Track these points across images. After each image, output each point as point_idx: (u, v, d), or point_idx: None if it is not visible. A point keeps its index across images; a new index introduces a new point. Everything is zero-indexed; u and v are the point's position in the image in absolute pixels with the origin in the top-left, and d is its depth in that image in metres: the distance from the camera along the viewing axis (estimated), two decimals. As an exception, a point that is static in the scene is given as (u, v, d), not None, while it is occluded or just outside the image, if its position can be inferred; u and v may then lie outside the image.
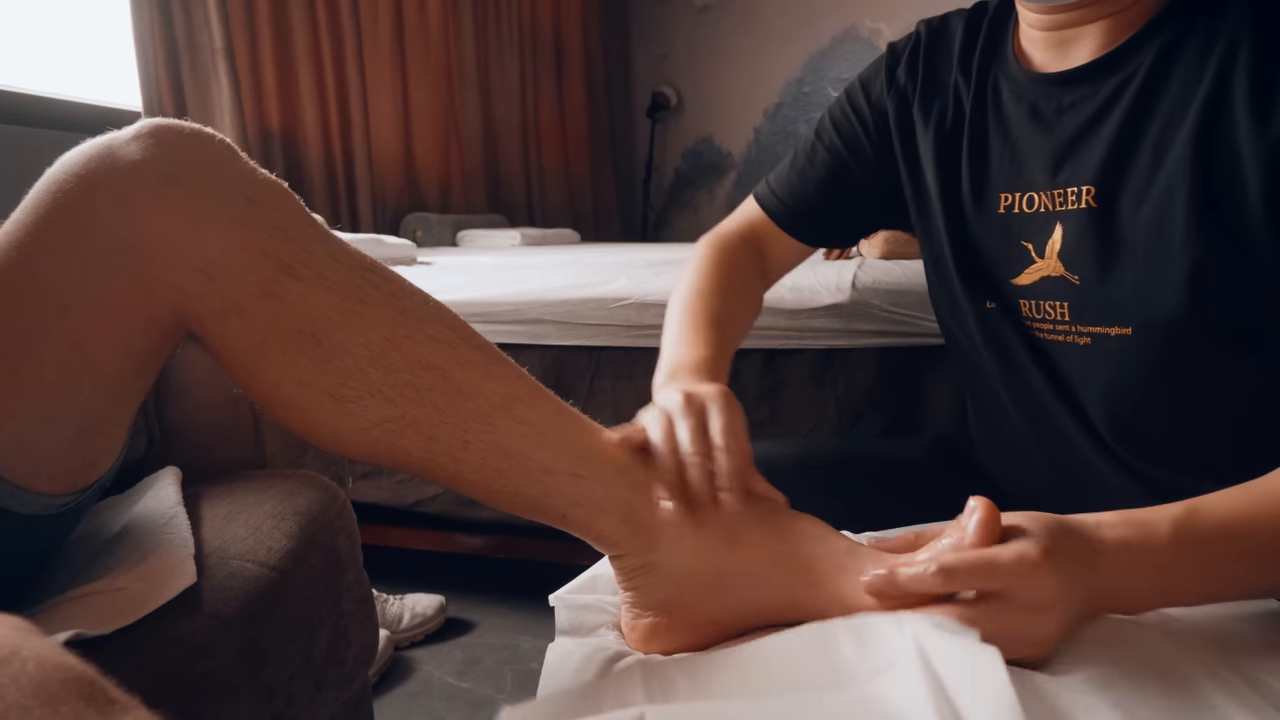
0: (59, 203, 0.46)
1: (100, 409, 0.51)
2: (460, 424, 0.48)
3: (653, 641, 0.49)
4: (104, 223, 0.46)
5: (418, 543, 1.66)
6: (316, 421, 0.49)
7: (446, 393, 0.48)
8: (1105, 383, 0.61)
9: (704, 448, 0.49)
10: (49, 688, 0.23)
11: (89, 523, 0.69)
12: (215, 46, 2.23)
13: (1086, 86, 0.60)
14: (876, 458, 0.81)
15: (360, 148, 2.82)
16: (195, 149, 0.48)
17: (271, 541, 0.69)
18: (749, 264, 0.81)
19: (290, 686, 0.65)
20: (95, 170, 0.46)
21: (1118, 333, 0.59)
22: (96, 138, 0.48)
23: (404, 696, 1.32)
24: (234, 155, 0.50)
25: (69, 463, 0.50)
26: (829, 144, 0.79)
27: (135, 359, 0.50)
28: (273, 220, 0.49)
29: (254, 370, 0.48)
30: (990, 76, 0.68)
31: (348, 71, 2.78)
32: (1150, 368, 0.58)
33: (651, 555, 0.49)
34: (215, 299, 0.47)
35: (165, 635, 0.54)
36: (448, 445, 0.48)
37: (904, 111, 0.74)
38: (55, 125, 1.86)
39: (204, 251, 0.47)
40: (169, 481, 0.75)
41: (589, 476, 0.49)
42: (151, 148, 0.47)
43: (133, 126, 0.49)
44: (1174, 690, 0.38)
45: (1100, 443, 0.63)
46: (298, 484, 0.80)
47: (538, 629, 1.50)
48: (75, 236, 0.46)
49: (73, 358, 0.47)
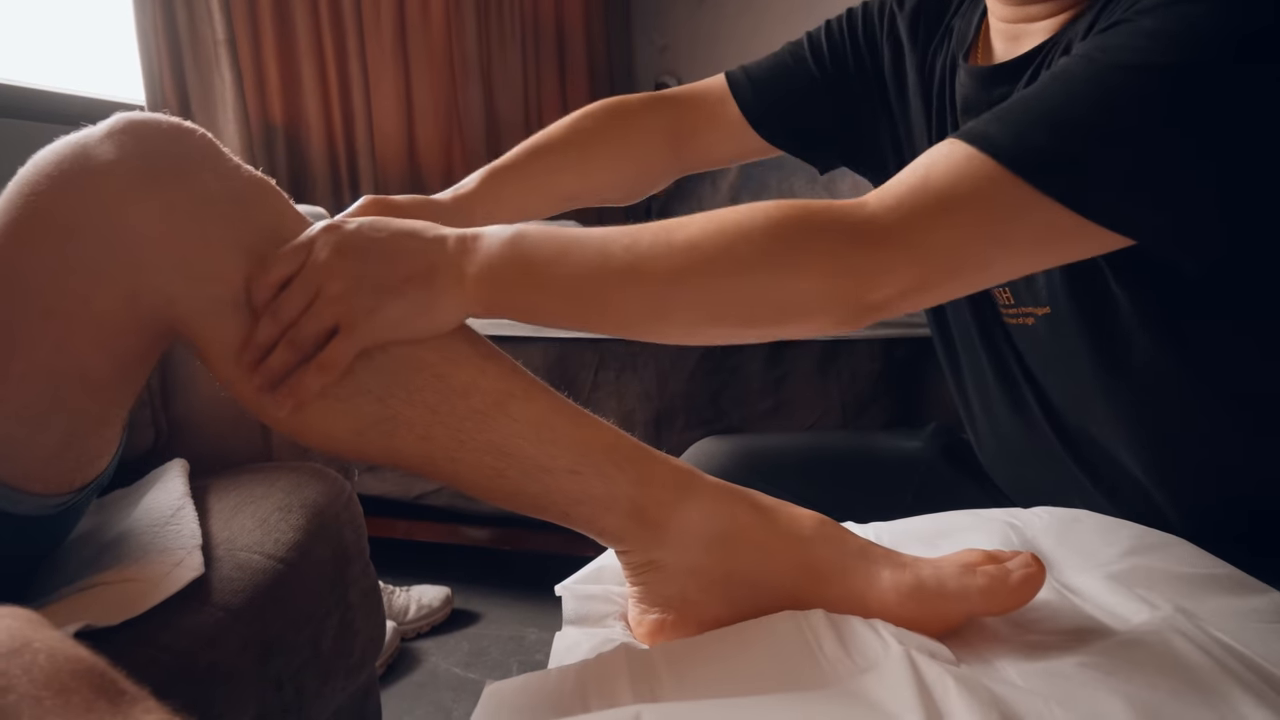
0: (34, 206, 0.45)
1: (90, 412, 0.50)
2: (454, 423, 0.47)
3: (659, 637, 0.49)
4: (84, 226, 0.45)
5: (424, 535, 1.66)
6: (307, 424, 0.48)
7: (439, 392, 0.47)
8: (1042, 362, 0.62)
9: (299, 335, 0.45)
10: (60, 679, 0.23)
11: (96, 515, 0.69)
12: (218, 39, 2.23)
13: (1006, 85, 0.59)
14: (881, 449, 0.81)
15: (363, 141, 2.82)
16: (174, 146, 0.47)
17: (278, 534, 0.69)
18: (637, 116, 0.75)
19: (298, 677, 0.66)
20: (69, 172, 0.45)
21: (1042, 312, 0.60)
22: (69, 135, 0.46)
23: (411, 687, 1.33)
24: (216, 152, 0.48)
25: (62, 464, 0.50)
26: (814, 48, 0.75)
27: (122, 362, 0.49)
28: (260, 220, 0.47)
29: (241, 373, 0.47)
30: (950, 58, 0.67)
31: (350, 65, 2.78)
32: (1072, 345, 0.58)
33: (657, 552, 0.48)
34: (201, 300, 0.46)
35: (173, 626, 0.55)
36: (443, 445, 0.47)
37: (899, 64, 0.71)
38: (57, 119, 1.86)
39: (187, 252, 0.45)
40: (176, 474, 0.75)
41: (587, 473, 0.47)
42: (128, 146, 0.46)
43: (106, 122, 0.47)
44: (1179, 677, 0.38)
45: (1058, 425, 0.63)
46: (304, 477, 0.80)
47: (544, 620, 1.51)
48: (55, 240, 0.45)
49: (58, 362, 0.46)
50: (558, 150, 0.71)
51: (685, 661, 0.42)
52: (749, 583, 0.47)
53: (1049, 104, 0.46)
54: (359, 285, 0.45)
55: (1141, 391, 0.57)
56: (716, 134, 0.77)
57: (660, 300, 0.47)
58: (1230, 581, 0.48)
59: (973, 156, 0.46)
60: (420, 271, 0.46)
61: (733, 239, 0.46)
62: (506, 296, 0.47)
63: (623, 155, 0.75)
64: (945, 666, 0.37)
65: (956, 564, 0.45)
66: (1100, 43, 0.47)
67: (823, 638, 0.42)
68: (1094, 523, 0.56)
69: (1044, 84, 0.48)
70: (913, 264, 0.46)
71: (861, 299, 0.47)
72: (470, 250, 0.47)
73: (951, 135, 0.48)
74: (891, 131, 0.73)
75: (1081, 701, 0.36)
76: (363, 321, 0.45)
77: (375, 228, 0.48)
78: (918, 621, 0.44)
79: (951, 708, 0.34)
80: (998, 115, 0.48)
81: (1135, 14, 0.47)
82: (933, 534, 0.58)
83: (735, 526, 0.47)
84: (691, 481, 0.49)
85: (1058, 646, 0.41)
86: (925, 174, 0.47)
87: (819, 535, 0.48)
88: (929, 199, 0.46)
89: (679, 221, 0.48)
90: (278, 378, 0.46)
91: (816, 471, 0.76)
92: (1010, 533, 0.56)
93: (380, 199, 0.58)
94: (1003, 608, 0.44)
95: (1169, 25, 0.45)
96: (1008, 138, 0.46)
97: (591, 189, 0.74)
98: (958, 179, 0.46)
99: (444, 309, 0.47)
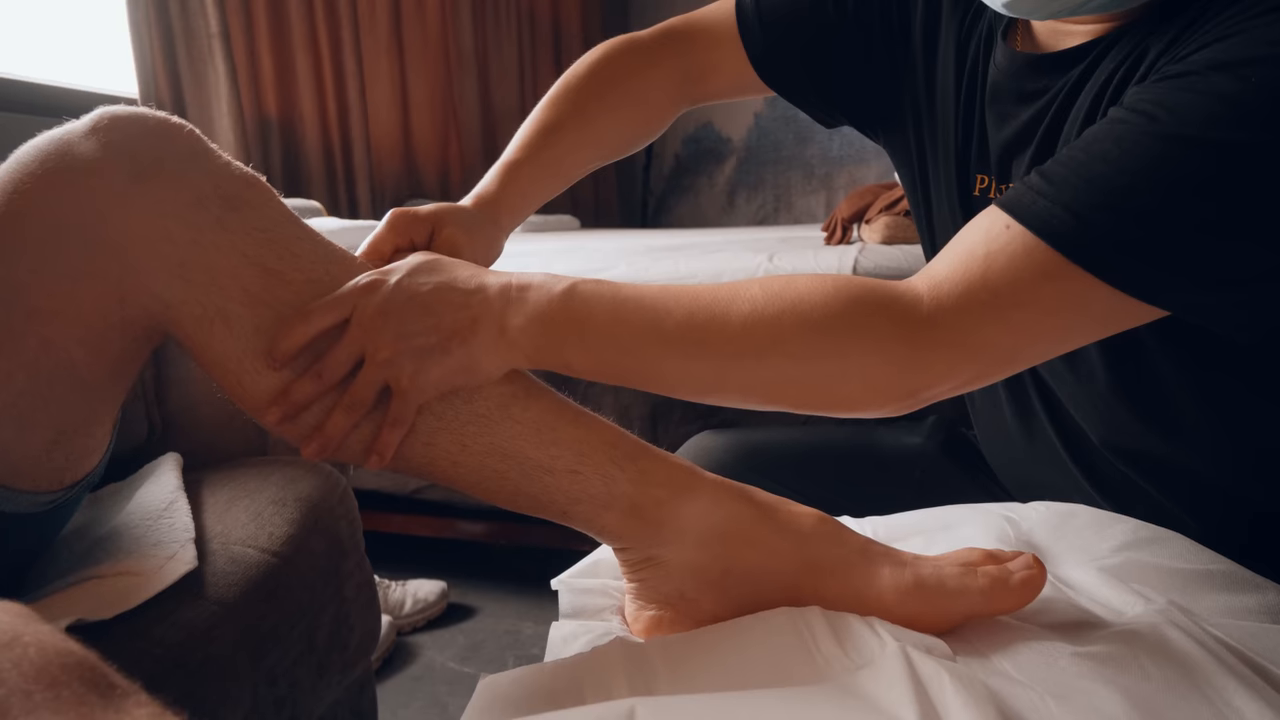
0: (16, 203, 0.44)
1: (80, 410, 0.49)
2: (458, 428, 0.47)
3: (655, 634, 0.48)
4: (69, 225, 0.44)
5: (420, 529, 1.66)
6: (316, 433, 0.47)
7: (443, 397, 0.47)
8: (1050, 368, 0.60)
9: (355, 400, 0.45)
10: (50, 672, 0.23)
11: (89, 510, 0.69)
12: (211, 31, 2.21)
13: (1047, 78, 0.56)
14: (880, 443, 0.81)
15: (359, 134, 2.81)
16: (161, 144, 0.46)
17: (273, 528, 0.69)
18: (648, 66, 0.71)
19: (293, 671, 0.66)
20: (53, 169, 0.44)
21: None
22: (51, 130, 0.45)
23: (407, 681, 1.33)
24: (205, 149, 0.47)
25: (52, 462, 0.49)
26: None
27: (111, 362, 0.48)
28: (252, 221, 0.46)
29: (244, 380, 0.46)
30: (988, 32, 0.62)
31: (345, 57, 2.76)
32: (1084, 353, 0.56)
33: (656, 549, 0.47)
34: (195, 305, 0.45)
35: (167, 620, 0.54)
36: (445, 449, 0.47)
37: (932, 25, 0.66)
38: (50, 112, 1.85)
39: (179, 256, 0.44)
40: (170, 468, 0.75)
41: (588, 473, 0.47)
42: (112, 142, 0.44)
43: (89, 116, 0.45)
44: (1173, 669, 0.38)
45: (1064, 431, 0.62)
46: (299, 471, 0.80)
47: (539, 614, 1.51)
48: (39, 239, 0.44)
49: (44, 361, 0.45)
50: (570, 128, 0.68)
51: (681, 656, 0.42)
52: (747, 580, 0.47)
53: (1112, 181, 0.43)
54: (404, 348, 0.45)
55: (1154, 407, 0.56)
56: (725, 75, 0.74)
57: (714, 377, 0.47)
58: (1225, 578, 0.48)
59: (1034, 249, 0.44)
60: (463, 326, 0.46)
61: (791, 326, 0.46)
62: (554, 351, 0.47)
63: (634, 115, 0.72)
64: (941, 662, 0.37)
65: (957, 563, 0.45)
66: (1165, 99, 0.43)
67: (819, 634, 0.42)
68: (1090, 517, 0.56)
69: (1104, 150, 0.44)
70: (971, 364, 0.46)
71: (917, 395, 0.47)
72: (516, 301, 0.47)
73: (1005, 209, 0.46)
74: (913, 93, 0.68)
75: (1076, 694, 0.36)
76: (410, 385, 0.46)
77: (416, 282, 0.47)
78: (916, 620, 0.44)
79: (947, 703, 0.34)
80: (1057, 189, 0.44)
81: (1208, 68, 0.43)
82: (930, 528, 0.58)
83: (734, 524, 0.47)
84: (690, 479, 0.48)
85: (1053, 639, 0.41)
86: (984, 269, 0.45)
87: (818, 533, 0.47)
88: (989, 299, 0.44)
89: (736, 292, 0.47)
90: (316, 428, 0.47)
91: (815, 466, 0.76)
92: (1007, 527, 0.56)
93: (405, 212, 0.57)
94: (1002, 609, 0.44)
95: (1246, 93, 0.41)
96: (1070, 224, 0.43)
97: (605, 155, 0.72)
98: (1018, 275, 0.44)
99: (488, 363, 0.47)
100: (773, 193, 4.12)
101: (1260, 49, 0.41)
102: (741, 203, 4.16)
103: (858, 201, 1.89)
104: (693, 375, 0.47)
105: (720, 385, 0.48)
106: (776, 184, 4.21)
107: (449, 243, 0.57)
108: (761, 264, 1.50)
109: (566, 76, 0.71)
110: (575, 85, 0.70)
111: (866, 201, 1.87)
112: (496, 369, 0.47)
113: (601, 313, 0.47)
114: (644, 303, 0.47)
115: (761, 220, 4.16)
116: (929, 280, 0.46)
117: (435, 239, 0.57)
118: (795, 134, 3.88)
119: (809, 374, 0.46)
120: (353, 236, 2.03)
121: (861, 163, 3.88)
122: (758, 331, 0.46)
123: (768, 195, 4.12)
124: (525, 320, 0.46)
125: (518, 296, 0.47)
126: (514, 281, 0.48)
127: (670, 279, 1.46)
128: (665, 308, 0.47)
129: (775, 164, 4.26)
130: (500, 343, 0.46)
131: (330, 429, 0.46)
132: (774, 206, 4.11)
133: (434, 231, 0.57)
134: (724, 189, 4.22)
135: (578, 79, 0.70)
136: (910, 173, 0.72)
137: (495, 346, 0.46)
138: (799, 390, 0.47)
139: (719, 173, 4.25)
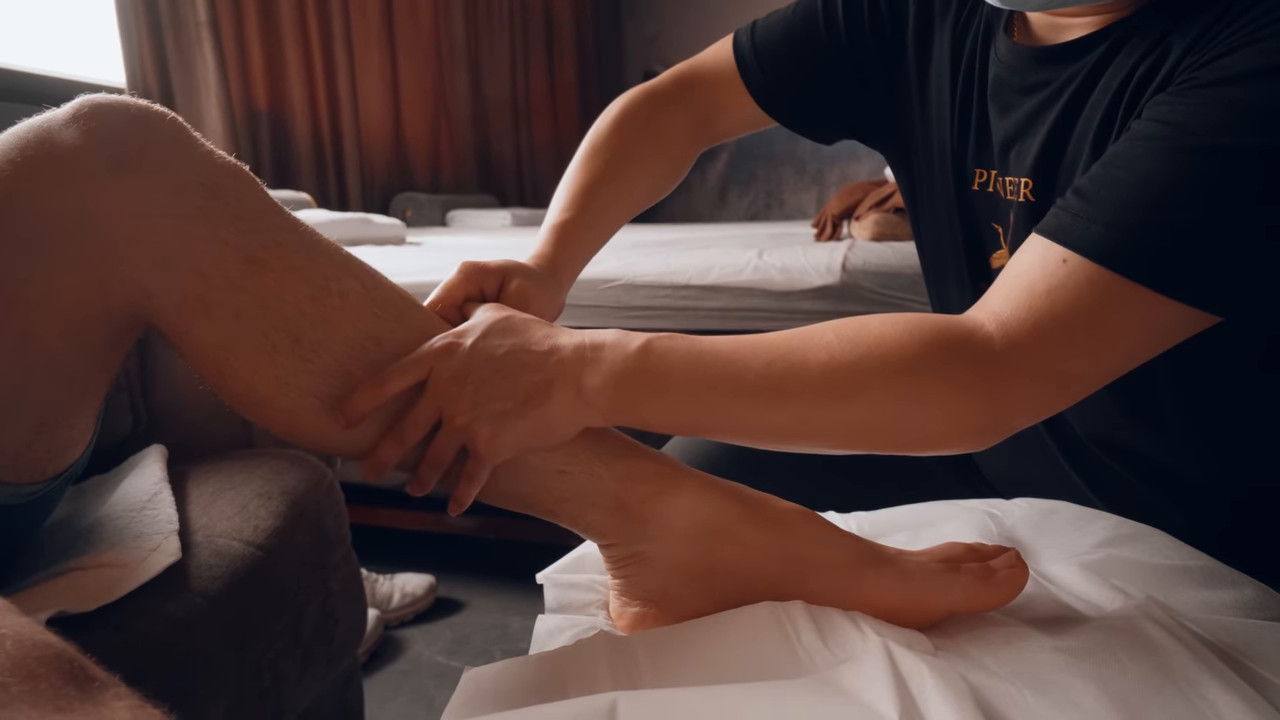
0: None
1: (61, 401, 0.49)
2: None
3: (640, 630, 0.48)
4: (49, 214, 0.43)
5: (407, 523, 1.66)
6: (301, 423, 0.47)
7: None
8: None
9: (434, 460, 0.48)
10: (27, 665, 0.23)
11: (72, 502, 0.69)
12: (199, 20, 2.19)
13: (1054, 68, 0.56)
14: None
15: (349, 126, 2.79)
16: (143, 132, 0.45)
17: (258, 520, 0.69)
18: (665, 116, 0.74)
19: (277, 665, 0.66)
20: (33, 158, 0.43)
21: None
22: (31, 119, 0.45)
23: (394, 675, 1.33)
24: (188, 137, 0.47)
25: (33, 454, 0.49)
26: (826, 8, 0.71)
27: (93, 353, 0.48)
28: (234, 209, 0.46)
29: (225, 369, 0.46)
30: (985, 30, 0.63)
31: (335, 48, 2.75)
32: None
33: (640, 545, 0.48)
34: (177, 294, 0.45)
35: (150, 613, 0.54)
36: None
37: (925, 34, 0.67)
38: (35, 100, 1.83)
39: (161, 245, 0.44)
40: (154, 459, 0.74)
41: (575, 472, 0.48)
42: (93, 130, 0.44)
43: (70, 105, 0.45)
44: (1151, 663, 0.38)
45: (1053, 423, 0.63)
46: (285, 463, 0.80)
47: (527, 608, 1.51)
48: (18, 228, 0.43)
49: (24, 352, 0.45)
50: (606, 183, 0.70)
51: (664, 650, 0.43)
52: (732, 576, 0.47)
53: (1154, 196, 0.44)
54: (481, 414, 0.46)
55: (1148, 404, 0.56)
56: (733, 114, 0.76)
57: (796, 426, 0.47)
58: (1203, 574, 0.49)
59: (1097, 278, 0.44)
60: (539, 389, 0.46)
61: (870, 371, 0.46)
62: (631, 409, 0.47)
63: (660, 164, 0.75)
64: (922, 656, 0.38)
65: (940, 559, 0.46)
66: (1201, 111, 0.44)
67: (801, 628, 0.43)
68: (1071, 514, 0.57)
69: (1149, 169, 0.44)
70: (1049, 392, 0.47)
71: (997, 431, 0.47)
72: (591, 361, 0.47)
73: (1056, 239, 0.46)
74: (908, 102, 0.69)
75: (1054, 687, 0.36)
76: (487, 450, 0.46)
77: (491, 344, 0.47)
78: (899, 615, 0.44)
79: (928, 698, 0.35)
80: (1108, 213, 0.45)
81: (1241, 76, 0.43)
82: (914, 523, 0.59)
83: (718, 520, 0.47)
84: (676, 476, 0.49)
85: (1032, 634, 0.42)
86: (1050, 303, 0.45)
87: (803, 529, 0.48)
88: (1059, 329, 0.45)
89: (810, 339, 0.47)
90: (413, 483, 0.50)
91: (800, 462, 0.76)
92: (989, 522, 0.57)
93: (477, 264, 0.57)
94: (984, 605, 0.44)
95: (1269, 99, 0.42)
96: (1125, 244, 0.44)
97: (637, 206, 0.74)
98: (1083, 302, 0.44)
99: (562, 425, 0.47)
100: (764, 189, 4.13)
101: None
102: (733, 199, 4.16)
103: (848, 198, 1.90)
104: (774, 425, 0.47)
105: (803, 433, 0.47)
106: (768, 180, 4.21)
107: (519, 294, 0.57)
108: (751, 260, 1.50)
109: (593, 134, 0.73)
110: (603, 143, 0.72)
111: (856, 198, 1.88)
112: (571, 429, 0.47)
113: (678, 369, 0.47)
114: (720, 356, 0.47)
115: (753, 216, 4.16)
116: (993, 319, 0.47)
117: (505, 291, 0.57)
118: (787, 131, 3.88)
119: (893, 417, 0.46)
120: (342, 229, 2.03)
121: (853, 159, 3.89)
122: (838, 378, 0.46)
123: (759, 191, 4.12)
124: (602, 381, 0.46)
125: (592, 356, 0.47)
126: (588, 341, 0.48)
127: (661, 274, 1.46)
128: (742, 360, 0.47)
129: (767, 160, 4.26)
130: (577, 404, 0.46)
131: (420, 479, 0.49)
132: (765, 202, 4.11)
133: (503, 284, 0.57)
134: (716, 185, 4.22)
135: (604, 136, 0.72)
136: (906, 174, 0.73)
137: (571, 408, 0.46)
138: (884, 434, 0.47)
139: (711, 169, 4.25)
